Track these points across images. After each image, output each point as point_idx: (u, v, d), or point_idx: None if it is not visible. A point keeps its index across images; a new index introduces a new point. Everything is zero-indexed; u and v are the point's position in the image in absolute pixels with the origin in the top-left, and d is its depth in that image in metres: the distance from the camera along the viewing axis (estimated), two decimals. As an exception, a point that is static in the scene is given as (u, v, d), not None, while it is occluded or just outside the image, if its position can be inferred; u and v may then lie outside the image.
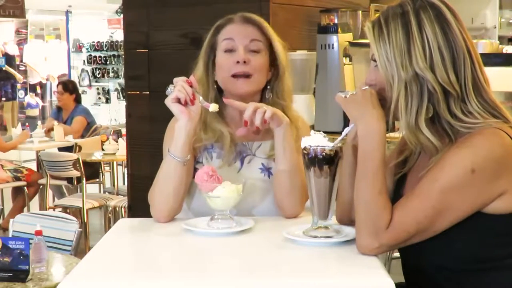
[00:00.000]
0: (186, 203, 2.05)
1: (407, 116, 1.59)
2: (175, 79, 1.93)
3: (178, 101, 1.91)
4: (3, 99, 10.06)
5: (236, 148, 2.06)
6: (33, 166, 6.90)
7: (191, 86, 1.91)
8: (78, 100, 6.95)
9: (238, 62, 2.02)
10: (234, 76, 2.03)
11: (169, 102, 1.91)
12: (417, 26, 1.59)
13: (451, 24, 1.60)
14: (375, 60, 1.64)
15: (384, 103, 1.64)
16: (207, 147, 2.07)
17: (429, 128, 1.59)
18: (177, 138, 1.93)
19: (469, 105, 1.59)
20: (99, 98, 11.71)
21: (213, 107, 1.92)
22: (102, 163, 6.28)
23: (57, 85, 7.25)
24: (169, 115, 2.05)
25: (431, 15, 1.60)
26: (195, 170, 2.00)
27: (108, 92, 11.71)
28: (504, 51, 3.81)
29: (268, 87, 2.10)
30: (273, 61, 2.09)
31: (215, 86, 2.09)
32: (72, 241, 3.09)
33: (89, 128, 6.86)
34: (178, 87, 1.90)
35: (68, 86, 6.92)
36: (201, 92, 2.01)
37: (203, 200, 1.88)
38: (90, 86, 11.68)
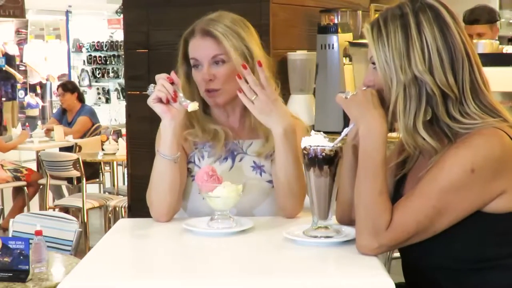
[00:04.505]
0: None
1: (405, 119, 1.59)
2: (157, 77, 1.90)
3: (160, 100, 1.89)
4: (3, 99, 10.05)
5: (227, 146, 2.06)
6: (33, 166, 6.89)
7: (172, 83, 1.89)
8: (81, 99, 6.90)
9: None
10: (206, 91, 2.02)
11: (150, 102, 1.89)
12: (416, 29, 1.58)
13: (450, 26, 1.59)
14: (373, 62, 1.64)
15: (384, 103, 1.64)
16: (198, 145, 2.07)
17: (427, 130, 1.59)
18: (164, 137, 1.92)
19: (467, 107, 1.59)
20: (99, 98, 11.72)
21: (192, 106, 1.88)
22: (102, 163, 6.27)
23: (57, 88, 7.19)
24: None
25: (430, 17, 1.59)
26: (188, 170, 2.02)
27: (108, 92, 11.72)
28: (504, 51, 3.80)
29: None
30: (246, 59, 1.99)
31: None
32: (72, 241, 3.08)
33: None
34: (158, 86, 1.88)
35: (67, 86, 6.89)
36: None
37: (199, 201, 1.88)
38: (90, 86, 11.69)
